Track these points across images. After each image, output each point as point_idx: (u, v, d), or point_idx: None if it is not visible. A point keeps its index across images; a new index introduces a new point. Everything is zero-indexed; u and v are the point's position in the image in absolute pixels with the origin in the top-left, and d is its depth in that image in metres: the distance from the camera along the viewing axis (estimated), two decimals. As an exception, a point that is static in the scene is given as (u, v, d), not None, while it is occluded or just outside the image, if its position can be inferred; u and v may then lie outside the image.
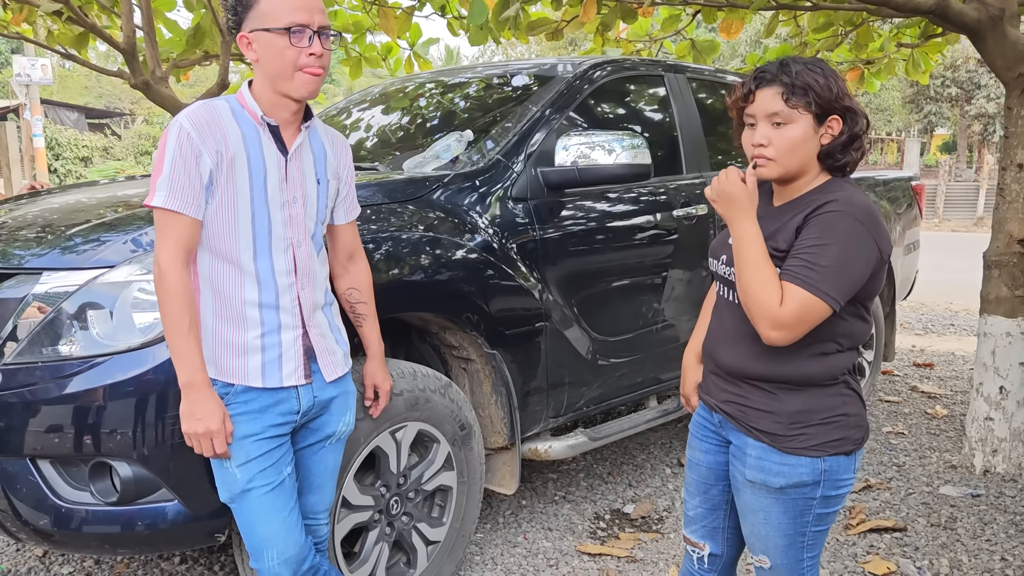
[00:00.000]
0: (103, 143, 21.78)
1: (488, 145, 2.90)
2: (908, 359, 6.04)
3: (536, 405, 2.84)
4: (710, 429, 1.88)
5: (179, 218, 1.69)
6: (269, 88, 1.76)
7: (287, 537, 1.83)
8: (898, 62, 6.35)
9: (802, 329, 1.57)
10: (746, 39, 25.50)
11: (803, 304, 1.54)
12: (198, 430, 1.72)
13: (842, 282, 1.55)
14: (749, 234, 1.61)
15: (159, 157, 1.71)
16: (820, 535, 1.76)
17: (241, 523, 1.83)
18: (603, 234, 3.03)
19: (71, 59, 5.61)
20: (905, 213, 4.91)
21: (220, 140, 1.71)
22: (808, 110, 1.61)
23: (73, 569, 2.87)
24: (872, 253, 1.58)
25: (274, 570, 1.82)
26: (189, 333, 1.70)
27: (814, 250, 1.56)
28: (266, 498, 1.80)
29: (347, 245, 2.05)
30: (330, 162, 1.92)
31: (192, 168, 1.69)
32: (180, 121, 1.71)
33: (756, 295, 1.58)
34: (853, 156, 1.66)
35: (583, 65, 3.31)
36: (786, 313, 1.55)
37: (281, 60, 1.71)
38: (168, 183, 1.67)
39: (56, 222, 2.34)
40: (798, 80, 1.60)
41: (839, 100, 1.62)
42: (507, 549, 3.02)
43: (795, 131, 1.62)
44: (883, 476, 3.72)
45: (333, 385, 1.92)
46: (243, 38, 1.75)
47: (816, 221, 1.59)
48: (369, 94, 4.04)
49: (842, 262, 1.55)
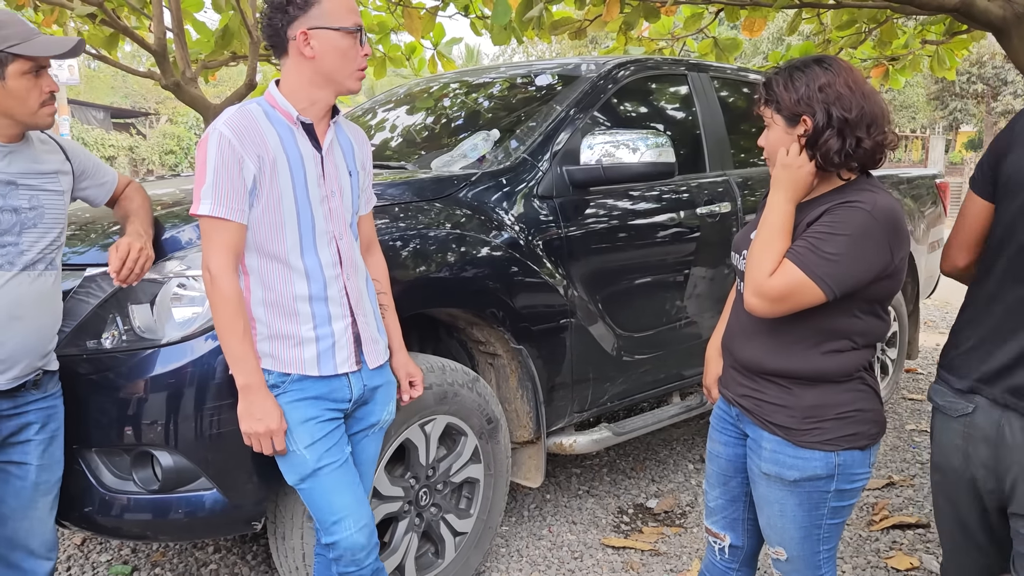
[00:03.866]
0: (128, 142, 22.04)
1: (514, 144, 2.95)
2: (932, 357, 6.01)
3: (561, 400, 2.89)
4: (729, 422, 1.92)
5: (226, 224, 1.75)
6: (318, 84, 1.81)
7: (360, 507, 1.90)
8: (923, 58, 6.32)
9: (785, 306, 1.61)
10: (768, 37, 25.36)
11: (792, 282, 1.59)
12: (259, 430, 1.79)
13: (842, 273, 1.58)
14: (783, 207, 1.67)
15: (200, 166, 1.75)
16: (836, 528, 1.79)
17: (314, 501, 1.89)
18: (627, 231, 3.06)
19: (101, 60, 5.72)
20: (929, 211, 4.90)
21: (260, 144, 1.76)
22: (778, 114, 1.71)
23: (111, 557, 2.95)
24: (882, 255, 1.60)
25: (352, 538, 1.88)
26: (244, 336, 1.76)
27: (823, 236, 1.60)
28: (336, 473, 1.87)
29: (366, 236, 2.10)
30: (357, 154, 1.99)
31: (236, 174, 1.74)
32: (219, 128, 1.74)
33: (756, 259, 1.64)
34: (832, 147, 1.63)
35: (607, 65, 3.34)
36: (772, 285, 1.60)
37: (344, 59, 1.80)
38: (213, 191, 1.73)
39: (96, 220, 2.41)
40: (769, 89, 1.72)
41: (802, 101, 1.65)
42: (532, 542, 3.07)
43: (772, 135, 1.74)
44: (906, 473, 3.73)
45: (378, 373, 1.99)
46: (303, 34, 1.76)
47: (835, 211, 1.62)
48: (394, 95, 4.10)
49: (847, 254, 1.58)
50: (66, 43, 1.87)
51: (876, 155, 1.67)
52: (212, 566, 2.89)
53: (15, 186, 1.86)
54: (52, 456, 1.99)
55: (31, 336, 1.88)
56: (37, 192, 1.91)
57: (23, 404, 1.92)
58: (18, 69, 1.81)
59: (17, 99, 1.82)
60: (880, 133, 1.66)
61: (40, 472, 1.96)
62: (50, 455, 1.98)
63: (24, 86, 1.83)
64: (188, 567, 2.89)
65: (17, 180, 1.87)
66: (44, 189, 1.93)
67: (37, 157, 1.95)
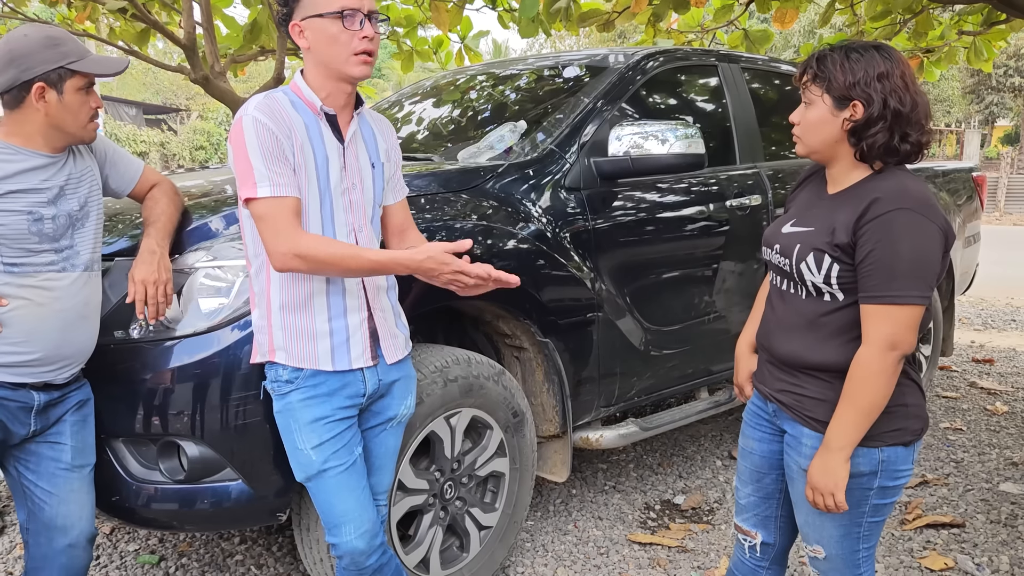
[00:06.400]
0: (160, 138, 22.32)
1: (541, 136, 2.92)
2: (967, 355, 5.90)
3: (588, 394, 2.86)
4: (764, 418, 1.88)
5: (287, 201, 1.73)
6: (323, 74, 1.80)
7: (362, 513, 1.88)
8: (959, 50, 6.18)
9: (912, 337, 1.57)
10: (800, 30, 25.04)
11: (894, 321, 1.56)
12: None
13: (924, 278, 1.55)
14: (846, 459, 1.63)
15: (241, 152, 1.73)
16: (876, 526, 1.74)
17: (318, 501, 1.89)
18: (656, 224, 3.02)
19: (133, 55, 5.77)
20: (965, 205, 4.79)
21: (290, 130, 1.76)
22: (827, 93, 1.65)
23: (138, 547, 2.98)
24: (936, 238, 1.56)
25: (351, 543, 1.88)
26: (361, 251, 1.76)
27: (884, 259, 1.55)
28: (341, 477, 1.86)
29: (399, 223, 2.07)
30: (381, 145, 1.96)
31: (279, 152, 1.73)
32: (252, 114, 1.73)
33: (884, 393, 1.59)
34: (878, 141, 1.61)
35: (635, 56, 3.30)
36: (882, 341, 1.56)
37: (335, 45, 1.75)
38: (267, 173, 1.71)
39: (124, 211, 2.42)
40: (822, 65, 1.66)
41: (858, 85, 1.61)
42: (558, 537, 3.05)
43: (813, 113, 1.68)
44: (940, 472, 3.65)
45: (396, 368, 1.96)
46: (295, 27, 1.78)
47: (873, 227, 1.57)
48: (421, 87, 4.09)
49: (915, 259, 1.54)
50: (118, 63, 1.97)
51: (916, 153, 1.65)
52: (238, 557, 2.90)
53: (64, 193, 1.93)
54: (85, 440, 2.03)
55: (93, 332, 1.99)
56: (81, 192, 1.98)
57: (68, 392, 1.99)
58: (74, 85, 1.88)
59: (71, 113, 1.90)
60: (924, 133, 1.64)
61: (75, 454, 2.00)
62: (83, 438, 2.02)
63: (78, 101, 1.90)
64: (214, 557, 2.90)
65: (65, 187, 1.93)
66: (85, 187, 1.99)
67: (75, 158, 2.01)
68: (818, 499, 1.65)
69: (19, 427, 1.91)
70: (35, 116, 1.87)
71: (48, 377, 1.91)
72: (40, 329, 1.86)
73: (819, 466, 1.64)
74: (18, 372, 1.86)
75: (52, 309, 1.88)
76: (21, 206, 1.84)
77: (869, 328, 1.59)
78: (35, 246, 1.85)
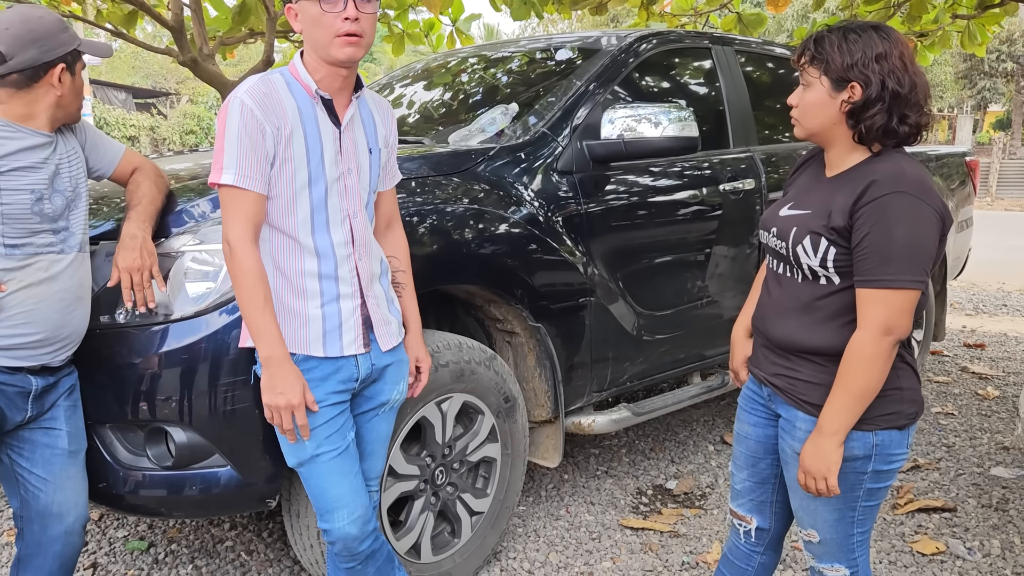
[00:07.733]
0: (150, 122, 22.13)
1: (533, 118, 2.89)
2: (958, 339, 5.91)
3: (580, 379, 2.84)
4: (759, 402, 1.87)
5: (247, 195, 1.71)
6: (316, 57, 1.76)
7: (355, 498, 1.87)
8: (953, 34, 6.16)
9: (907, 321, 1.56)
10: (793, 14, 24.95)
11: (889, 305, 1.54)
12: (280, 403, 1.74)
13: (919, 262, 1.53)
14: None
15: (221, 135, 1.71)
16: (870, 510, 1.74)
17: (311, 487, 1.87)
18: (649, 208, 3.00)
19: (120, 37, 5.70)
20: (958, 189, 4.78)
21: (280, 115, 1.72)
22: (825, 75, 1.62)
23: (128, 533, 2.96)
24: (932, 222, 1.54)
25: (344, 529, 1.86)
26: (265, 307, 1.72)
27: (880, 242, 1.54)
28: (334, 463, 1.84)
29: (387, 212, 2.05)
30: (379, 131, 1.92)
31: (259, 144, 1.70)
32: (240, 97, 1.70)
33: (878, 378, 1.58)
34: (876, 123, 1.58)
35: (628, 38, 3.27)
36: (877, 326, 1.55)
37: (317, 27, 1.71)
38: (236, 161, 1.68)
39: (110, 194, 2.39)
40: (819, 46, 1.63)
41: (856, 66, 1.58)
42: (550, 522, 3.04)
43: (811, 95, 1.66)
44: (932, 456, 3.66)
45: (388, 353, 1.94)
46: (290, 9, 1.76)
47: (869, 210, 1.55)
48: (412, 70, 4.05)
49: (911, 243, 1.52)
50: (107, 46, 2.11)
51: (915, 135, 1.62)
52: (228, 543, 2.88)
53: (59, 172, 1.93)
54: (76, 424, 2.01)
55: (87, 313, 1.99)
56: (73, 172, 1.98)
57: (60, 377, 1.98)
58: (79, 67, 1.98)
59: (77, 93, 1.97)
60: (923, 114, 1.61)
61: (70, 439, 1.99)
62: (75, 423, 2.01)
63: (80, 82, 1.98)
64: (204, 543, 2.88)
65: (60, 166, 1.94)
66: (76, 167, 2.00)
67: (64, 139, 2.01)
68: (810, 483, 1.64)
69: (15, 413, 1.90)
70: (47, 96, 1.89)
71: (47, 359, 1.90)
72: (40, 310, 1.85)
73: (811, 450, 1.62)
74: (18, 355, 1.85)
75: (51, 290, 1.87)
76: (24, 184, 1.84)
77: (864, 312, 1.57)
78: (36, 226, 1.85)
